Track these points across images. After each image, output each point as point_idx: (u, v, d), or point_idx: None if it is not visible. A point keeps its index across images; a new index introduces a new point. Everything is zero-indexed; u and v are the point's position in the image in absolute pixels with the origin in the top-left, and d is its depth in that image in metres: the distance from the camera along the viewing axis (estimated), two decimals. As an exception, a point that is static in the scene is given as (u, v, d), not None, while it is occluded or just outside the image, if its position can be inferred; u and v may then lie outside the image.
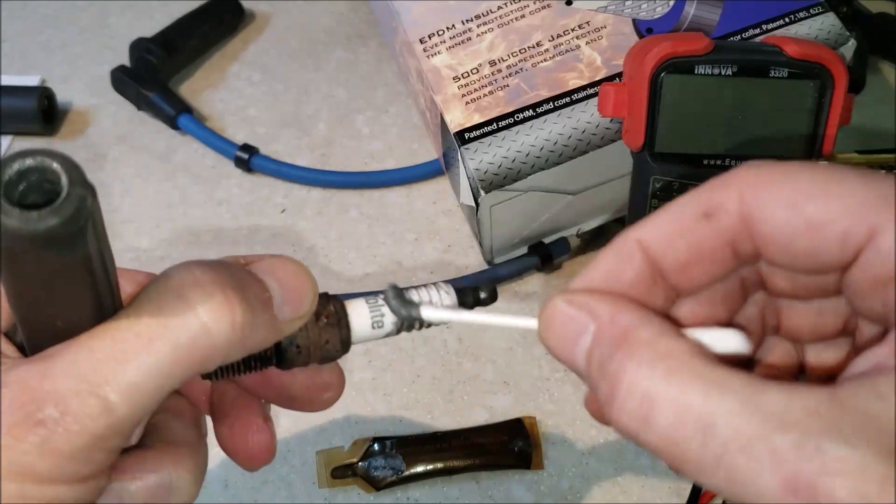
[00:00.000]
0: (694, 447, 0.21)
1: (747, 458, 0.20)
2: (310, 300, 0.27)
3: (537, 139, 0.49)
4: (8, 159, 0.21)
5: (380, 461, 0.48)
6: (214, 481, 0.48)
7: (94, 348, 0.23)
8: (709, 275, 0.26)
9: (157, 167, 0.64)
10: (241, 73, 0.70)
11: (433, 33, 0.53)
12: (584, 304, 0.25)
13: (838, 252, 0.23)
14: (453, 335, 0.54)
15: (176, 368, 0.24)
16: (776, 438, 0.20)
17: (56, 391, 0.22)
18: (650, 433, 0.22)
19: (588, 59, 0.51)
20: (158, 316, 0.24)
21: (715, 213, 0.24)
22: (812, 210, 0.23)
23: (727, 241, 0.25)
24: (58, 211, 0.20)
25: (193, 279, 0.24)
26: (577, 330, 0.25)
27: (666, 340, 0.23)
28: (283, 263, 0.27)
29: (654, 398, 0.22)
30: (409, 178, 0.61)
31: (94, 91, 0.68)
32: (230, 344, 0.24)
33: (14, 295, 0.24)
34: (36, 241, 0.20)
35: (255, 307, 0.25)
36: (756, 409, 0.21)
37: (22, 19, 0.74)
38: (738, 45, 0.48)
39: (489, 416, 0.50)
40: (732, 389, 0.21)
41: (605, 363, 0.24)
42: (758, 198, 0.24)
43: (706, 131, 0.42)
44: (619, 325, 0.24)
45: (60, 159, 0.21)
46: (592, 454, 0.49)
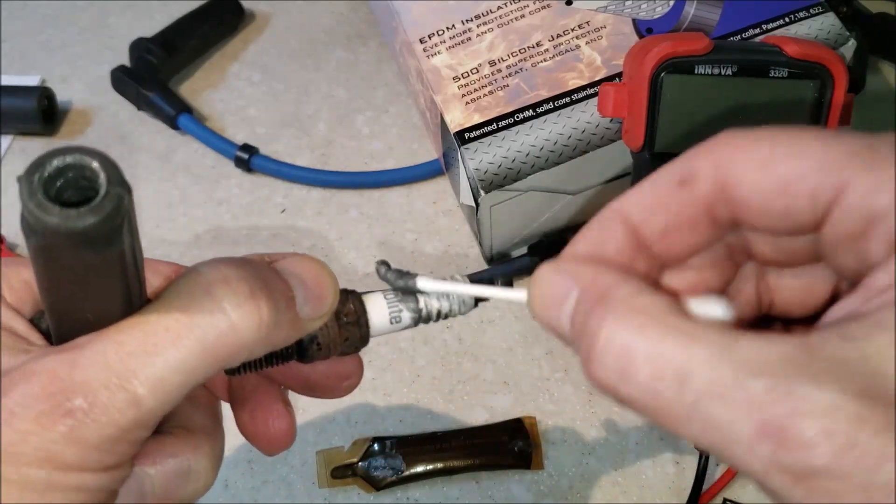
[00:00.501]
0: (670, 397, 0.22)
1: (721, 404, 0.21)
2: (331, 300, 0.28)
3: (537, 139, 0.49)
4: (47, 156, 0.21)
5: (380, 461, 0.48)
6: (214, 482, 0.48)
7: (124, 342, 0.24)
8: (689, 242, 0.26)
9: (157, 167, 0.64)
10: (241, 73, 0.70)
11: (433, 33, 0.53)
12: (568, 269, 0.26)
13: (810, 210, 0.23)
14: (453, 335, 0.54)
15: (202, 364, 0.24)
16: (749, 384, 0.20)
17: (85, 382, 0.23)
18: (628, 385, 0.23)
19: (588, 59, 0.51)
20: (187, 312, 0.24)
21: (690, 181, 0.25)
22: (782, 169, 0.23)
23: (704, 208, 0.25)
24: (97, 210, 0.20)
25: (222, 277, 0.25)
26: (562, 294, 0.26)
27: (642, 297, 0.24)
28: (306, 263, 0.28)
29: (631, 351, 0.22)
30: (409, 178, 0.61)
31: (94, 91, 0.68)
32: (255, 342, 0.25)
33: (47, 287, 0.24)
34: (74, 239, 0.21)
35: (279, 306, 0.26)
36: (729, 357, 0.21)
37: (22, 19, 0.74)
38: (738, 45, 0.48)
39: (489, 416, 0.50)
40: (706, 339, 0.22)
41: (585, 321, 0.24)
42: (731, 162, 0.24)
43: (706, 131, 0.41)
44: (600, 285, 0.25)
45: (99, 157, 0.21)
46: (592, 454, 0.49)
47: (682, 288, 0.27)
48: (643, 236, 0.26)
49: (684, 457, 0.48)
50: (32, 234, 0.21)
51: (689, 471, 0.47)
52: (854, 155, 0.23)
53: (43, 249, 0.22)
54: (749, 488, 0.47)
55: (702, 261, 0.27)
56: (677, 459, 0.48)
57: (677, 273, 0.27)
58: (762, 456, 0.20)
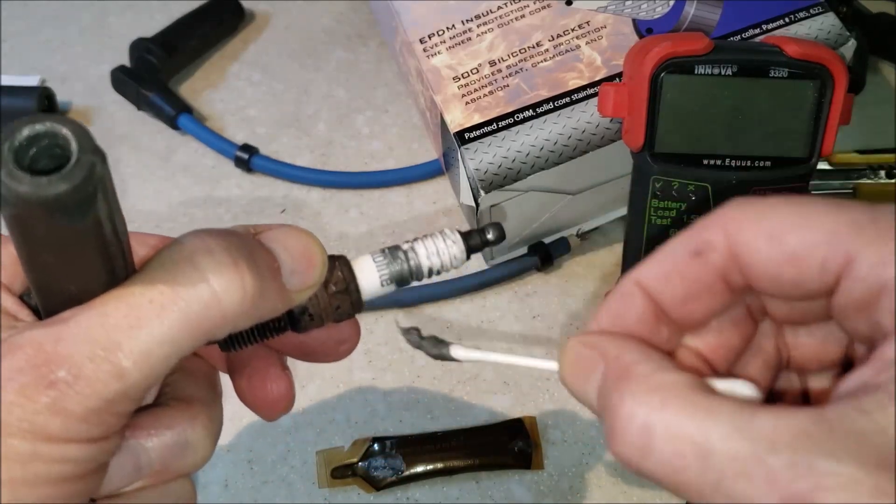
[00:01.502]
0: (693, 474, 0.22)
1: (744, 481, 0.21)
2: (319, 270, 0.28)
3: (537, 139, 0.49)
4: (18, 124, 0.21)
5: (380, 461, 0.48)
6: (214, 482, 0.48)
7: (108, 313, 0.24)
8: (707, 308, 0.27)
9: (157, 167, 0.64)
10: (241, 73, 0.70)
11: (433, 33, 0.53)
12: (595, 343, 0.27)
13: (820, 280, 0.24)
14: (454, 335, 0.54)
15: (187, 336, 0.24)
16: (770, 460, 0.21)
17: (70, 355, 0.23)
18: (650, 462, 0.23)
19: (588, 59, 0.51)
20: (171, 284, 0.24)
21: (704, 251, 0.26)
22: (791, 241, 0.24)
23: (719, 276, 0.26)
24: (68, 177, 0.20)
25: (206, 247, 0.25)
26: (589, 368, 0.26)
27: (662, 374, 0.24)
28: (291, 233, 0.28)
29: (651, 428, 0.23)
30: (409, 178, 0.61)
31: (94, 91, 0.68)
32: (240, 312, 0.25)
33: (27, 260, 0.24)
34: (46, 207, 0.21)
35: (264, 276, 0.26)
36: (748, 433, 0.22)
37: (22, 19, 0.74)
38: (738, 45, 0.48)
39: (489, 416, 0.50)
40: (724, 414, 0.22)
41: (608, 397, 0.25)
42: (741, 233, 0.25)
43: (706, 131, 0.42)
44: (623, 362, 0.25)
45: (71, 124, 0.21)
46: (592, 454, 0.49)
47: (704, 350, 0.28)
48: (663, 304, 0.27)
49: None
50: (6, 205, 0.21)
51: (689, 471, 0.47)
52: (860, 227, 0.24)
53: (18, 219, 0.22)
54: (749, 488, 0.47)
55: (722, 322, 0.28)
56: (677, 459, 0.48)
57: (699, 336, 0.28)
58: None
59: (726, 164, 0.42)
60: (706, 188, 0.42)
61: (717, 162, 0.42)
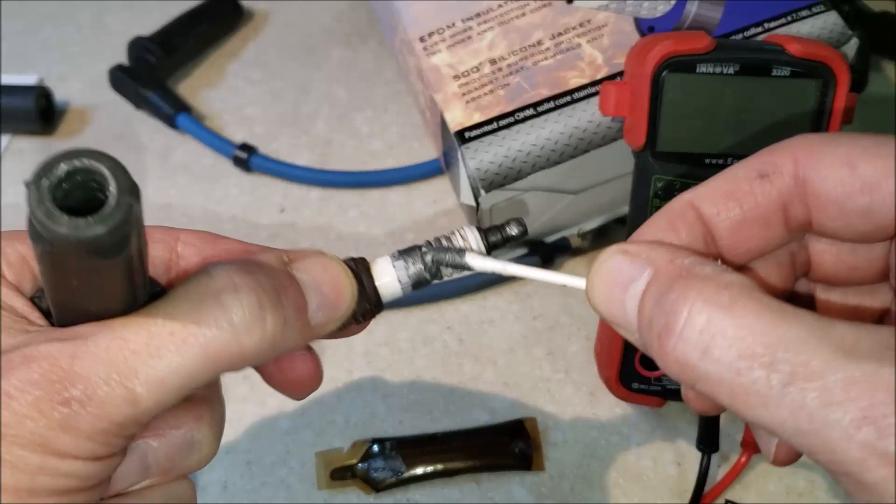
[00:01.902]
0: (758, 376, 0.21)
1: (817, 387, 0.20)
2: (346, 306, 0.28)
3: (538, 138, 0.49)
4: (54, 160, 0.21)
5: (379, 462, 0.47)
6: (213, 484, 0.48)
7: (128, 339, 0.24)
8: (759, 239, 0.26)
9: (156, 166, 0.63)
10: (240, 72, 0.69)
11: (433, 32, 0.53)
12: (640, 251, 0.25)
13: (891, 211, 0.23)
14: (454, 336, 0.53)
15: (203, 371, 0.24)
16: (850, 367, 0.19)
17: (85, 374, 0.23)
18: (710, 363, 0.22)
19: (589, 57, 0.50)
20: (194, 319, 0.24)
21: (770, 174, 0.25)
22: (866, 169, 0.23)
23: (781, 204, 0.25)
24: (106, 219, 0.20)
25: (233, 286, 0.25)
26: (630, 276, 0.25)
27: (729, 274, 0.23)
28: (323, 265, 0.28)
29: (715, 326, 0.22)
30: (409, 177, 0.61)
31: (93, 90, 0.68)
32: (259, 353, 0.25)
33: (51, 283, 0.24)
34: (82, 248, 0.21)
35: (288, 317, 0.26)
36: (826, 339, 0.20)
37: (20, 18, 0.74)
38: (740, 43, 0.48)
39: (490, 418, 0.50)
40: (801, 320, 0.21)
41: (663, 297, 0.23)
42: (813, 159, 0.24)
43: (708, 130, 0.41)
44: (679, 265, 0.24)
45: (108, 162, 0.21)
46: (594, 455, 0.48)
47: None
48: (714, 229, 0.26)
49: (686, 458, 0.48)
50: (39, 241, 0.21)
51: (690, 472, 0.47)
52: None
53: (50, 255, 0.22)
54: (751, 489, 0.47)
55: (765, 265, 0.27)
56: (679, 461, 0.48)
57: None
58: (862, 443, 0.19)
59: (728, 163, 0.41)
60: (708, 188, 0.42)
61: (719, 161, 0.41)
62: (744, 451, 0.46)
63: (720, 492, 0.46)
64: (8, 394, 0.23)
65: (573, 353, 0.52)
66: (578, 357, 0.52)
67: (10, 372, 0.23)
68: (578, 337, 0.53)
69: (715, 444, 0.46)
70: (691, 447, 0.47)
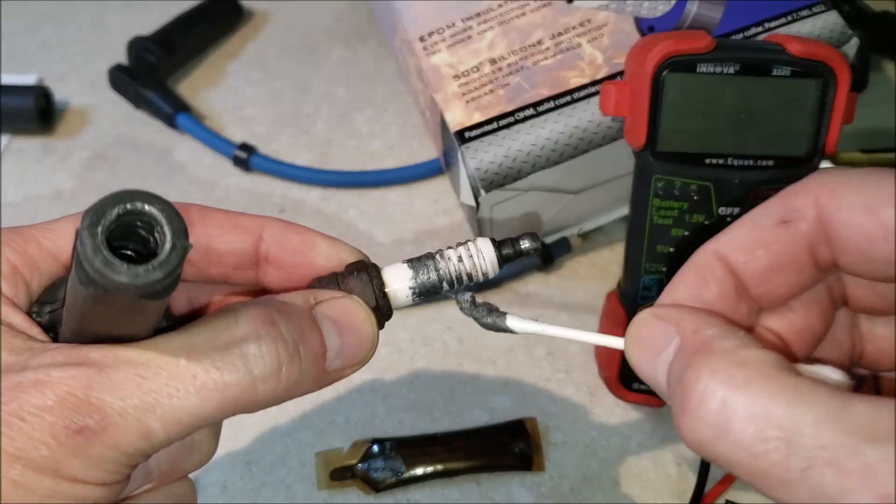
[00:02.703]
0: (775, 459, 0.20)
1: (836, 471, 0.19)
2: (365, 355, 0.29)
3: (538, 138, 0.49)
4: (104, 205, 0.20)
5: (379, 463, 0.47)
6: (212, 484, 0.48)
7: (148, 376, 0.24)
8: (791, 284, 0.25)
9: (155, 166, 0.63)
10: (240, 72, 0.69)
11: (433, 31, 0.53)
12: (671, 317, 0.25)
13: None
14: (454, 336, 0.53)
15: (218, 414, 0.25)
16: (868, 452, 0.19)
17: (100, 406, 0.24)
18: (725, 445, 0.21)
19: (589, 57, 0.50)
20: (217, 364, 0.25)
21: (793, 220, 0.25)
22: (888, 214, 0.23)
23: (806, 248, 0.25)
24: (164, 265, 0.20)
25: (256, 335, 0.26)
26: (662, 342, 0.25)
27: (747, 350, 0.22)
28: (349, 313, 0.28)
29: (731, 407, 0.21)
30: (409, 177, 0.61)
31: (92, 90, 0.68)
32: (272, 400, 0.26)
33: (83, 318, 0.24)
34: (139, 294, 0.21)
35: (304, 367, 0.26)
36: (843, 421, 0.20)
37: (19, 18, 0.74)
38: (741, 43, 0.48)
39: (490, 418, 0.50)
40: (817, 400, 0.20)
41: (683, 371, 0.23)
42: (834, 202, 0.24)
43: (708, 130, 0.41)
44: (702, 336, 0.24)
45: (159, 204, 0.21)
46: (594, 456, 0.48)
47: (784, 333, 0.26)
48: (743, 278, 0.25)
49: (686, 458, 0.48)
50: (91, 286, 0.21)
51: (691, 472, 0.47)
52: None
53: (97, 298, 0.22)
54: (751, 489, 0.47)
55: (804, 303, 0.26)
56: (679, 461, 0.48)
57: (779, 316, 0.26)
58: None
59: (728, 163, 0.41)
60: (708, 187, 0.42)
61: (720, 161, 0.41)
62: (744, 452, 0.46)
63: (720, 492, 0.46)
64: (21, 417, 0.23)
65: (573, 353, 0.52)
66: (578, 357, 0.52)
67: (21, 395, 0.23)
68: (578, 337, 0.53)
69: (715, 444, 0.46)
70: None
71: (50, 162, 0.64)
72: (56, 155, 0.64)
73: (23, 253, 0.27)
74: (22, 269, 0.27)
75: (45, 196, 0.62)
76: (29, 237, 0.28)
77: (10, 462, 0.23)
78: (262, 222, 0.30)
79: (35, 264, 0.28)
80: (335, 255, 0.30)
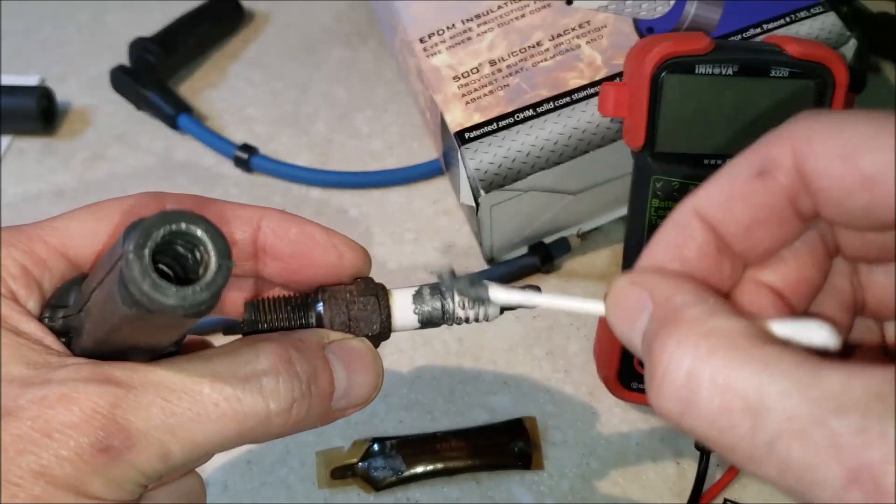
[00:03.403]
0: (742, 433, 0.20)
1: (802, 444, 0.18)
2: (368, 398, 0.30)
3: (537, 139, 0.49)
4: (150, 227, 0.21)
5: (379, 462, 0.47)
6: (214, 483, 0.48)
7: (172, 400, 0.25)
8: (775, 237, 0.24)
9: (156, 167, 0.64)
10: (241, 73, 0.69)
11: (433, 32, 0.53)
12: (645, 283, 0.24)
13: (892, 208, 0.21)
14: (453, 335, 0.54)
15: (233, 442, 0.26)
16: (835, 423, 0.18)
17: (125, 426, 0.24)
18: (693, 417, 0.21)
19: (588, 58, 0.51)
20: (239, 394, 0.26)
21: (770, 170, 0.23)
22: (866, 163, 0.21)
23: (787, 199, 0.23)
24: (210, 286, 0.21)
25: (275, 371, 0.27)
26: (636, 310, 0.24)
27: (715, 319, 0.21)
28: (359, 357, 0.29)
29: (696, 378, 0.20)
30: (409, 178, 0.61)
31: (94, 90, 0.68)
32: (281, 433, 0.27)
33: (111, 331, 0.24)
34: (186, 315, 0.21)
35: (312, 405, 0.28)
36: (811, 391, 0.19)
37: (21, 18, 0.74)
38: (739, 44, 0.48)
39: (489, 417, 0.50)
40: (783, 369, 0.19)
41: (652, 342, 0.22)
42: (811, 151, 0.22)
43: (707, 131, 0.42)
44: (672, 304, 0.23)
45: (203, 224, 0.21)
46: (593, 455, 0.48)
47: (780, 285, 0.25)
48: (724, 234, 0.24)
49: (685, 457, 0.48)
50: (135, 307, 0.21)
51: (689, 471, 0.47)
52: None
53: (139, 317, 0.22)
54: (750, 489, 0.47)
55: (796, 253, 0.25)
56: (678, 460, 0.48)
57: (772, 269, 0.25)
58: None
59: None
60: (707, 188, 0.42)
61: (718, 161, 0.42)
62: (742, 451, 0.46)
63: (719, 491, 0.47)
64: (47, 433, 0.23)
65: (573, 352, 0.53)
66: (578, 357, 0.52)
67: (48, 411, 0.24)
68: (578, 337, 0.53)
69: (714, 443, 0.46)
70: (690, 447, 0.47)
71: (51, 162, 0.64)
72: (57, 155, 0.65)
73: (30, 253, 0.27)
74: (32, 269, 0.27)
75: (47, 196, 0.62)
76: (33, 236, 0.28)
77: (33, 479, 0.23)
78: (259, 213, 0.30)
79: (44, 263, 0.27)
80: (332, 245, 0.30)
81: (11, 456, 0.23)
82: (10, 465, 0.23)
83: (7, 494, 0.23)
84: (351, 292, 0.30)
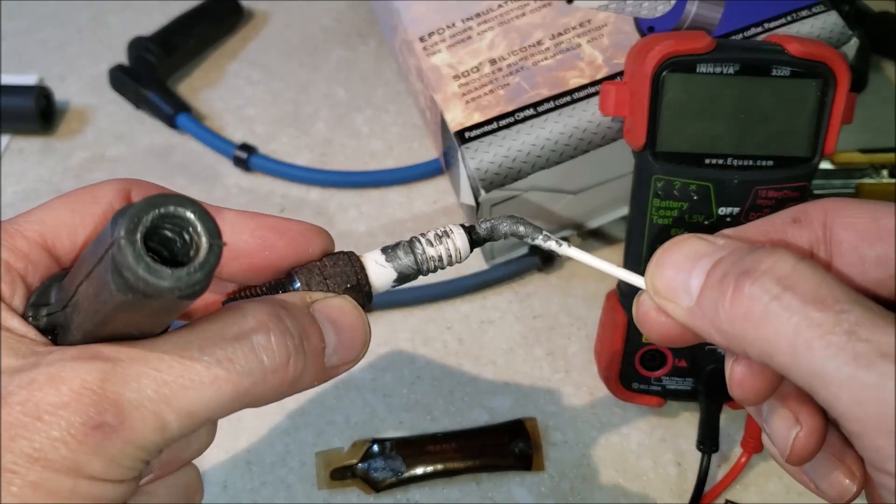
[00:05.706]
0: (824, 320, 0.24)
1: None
2: (360, 351, 0.30)
3: (538, 138, 0.49)
4: (140, 211, 0.20)
5: (379, 462, 0.47)
6: (213, 483, 0.48)
7: (162, 370, 0.24)
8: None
9: (156, 166, 0.63)
10: (240, 72, 0.69)
11: (433, 32, 0.53)
12: (717, 238, 0.29)
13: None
14: (453, 336, 0.53)
15: (230, 406, 0.26)
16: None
17: (117, 401, 0.23)
18: (782, 306, 0.25)
19: (589, 57, 0.50)
20: (229, 355, 0.25)
21: (802, 220, 0.30)
22: (888, 222, 0.27)
23: (809, 247, 0.29)
24: (204, 266, 0.21)
25: (265, 328, 0.26)
26: (704, 251, 0.28)
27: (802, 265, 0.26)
28: (344, 312, 0.29)
29: (799, 273, 0.25)
30: (409, 177, 0.61)
31: (93, 90, 0.68)
32: (279, 393, 0.27)
33: (103, 321, 0.24)
34: (180, 295, 0.21)
35: (308, 361, 0.27)
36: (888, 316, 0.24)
37: (20, 18, 0.74)
38: (740, 43, 0.48)
39: (489, 418, 0.50)
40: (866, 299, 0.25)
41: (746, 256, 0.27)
42: (841, 212, 0.29)
43: (708, 130, 0.41)
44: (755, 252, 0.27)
45: (192, 206, 0.21)
46: (593, 456, 0.48)
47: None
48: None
49: (686, 458, 0.48)
50: (131, 292, 0.21)
51: (690, 472, 0.47)
52: None
53: (133, 303, 0.22)
54: (751, 489, 0.47)
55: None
56: (679, 460, 0.48)
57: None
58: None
59: (728, 163, 0.41)
60: (708, 187, 0.42)
61: (719, 161, 0.41)
62: (744, 451, 0.46)
63: (720, 491, 0.46)
64: (38, 416, 0.23)
65: (573, 352, 0.52)
66: (578, 357, 0.52)
67: (37, 393, 0.23)
68: (578, 337, 0.53)
69: (715, 443, 0.46)
70: (691, 447, 0.47)
71: (50, 162, 0.64)
72: (56, 155, 0.64)
73: (12, 248, 0.27)
74: (15, 264, 0.27)
75: (46, 196, 0.62)
76: (11, 231, 0.27)
77: (28, 463, 0.22)
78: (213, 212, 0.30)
79: (27, 257, 0.27)
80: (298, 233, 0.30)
81: (4, 443, 0.23)
82: (4, 452, 0.22)
83: (3, 482, 0.22)
84: (322, 261, 0.30)
